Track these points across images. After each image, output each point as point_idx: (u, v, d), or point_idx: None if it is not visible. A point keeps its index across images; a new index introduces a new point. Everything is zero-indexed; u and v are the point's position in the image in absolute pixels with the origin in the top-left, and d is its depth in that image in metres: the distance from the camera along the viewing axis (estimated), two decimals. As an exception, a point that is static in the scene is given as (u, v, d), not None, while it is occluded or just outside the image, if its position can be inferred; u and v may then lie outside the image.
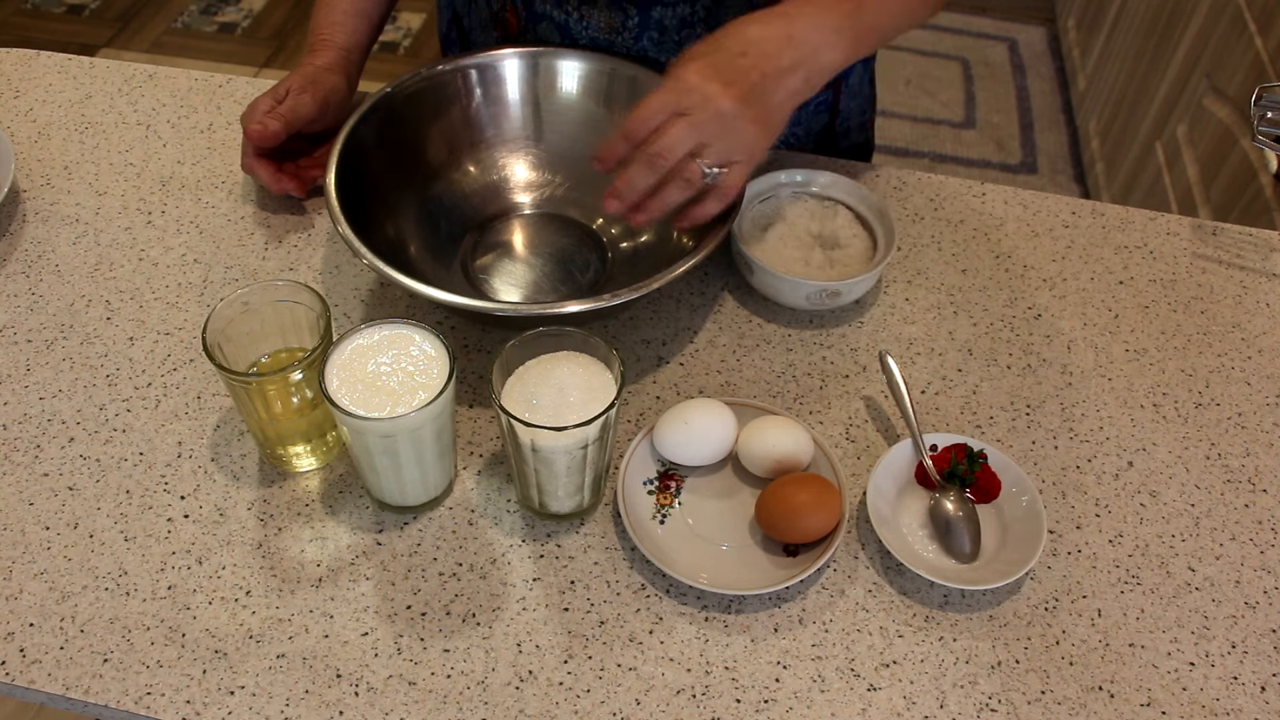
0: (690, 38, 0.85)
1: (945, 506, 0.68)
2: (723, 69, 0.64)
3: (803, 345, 0.79)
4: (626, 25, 0.85)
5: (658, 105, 0.65)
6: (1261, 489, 0.72)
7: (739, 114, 0.64)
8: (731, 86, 0.64)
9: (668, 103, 0.64)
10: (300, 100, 0.84)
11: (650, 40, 0.85)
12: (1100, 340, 0.81)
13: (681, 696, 0.60)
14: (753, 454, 0.68)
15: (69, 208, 0.87)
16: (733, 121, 0.63)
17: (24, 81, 0.99)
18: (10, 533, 0.66)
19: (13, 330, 0.78)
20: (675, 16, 0.84)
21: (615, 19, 0.85)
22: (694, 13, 0.84)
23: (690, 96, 0.64)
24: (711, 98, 0.64)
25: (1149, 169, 1.88)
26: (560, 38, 0.88)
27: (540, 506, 0.67)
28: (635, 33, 0.85)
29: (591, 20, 0.86)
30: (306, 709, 0.59)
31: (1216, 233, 0.90)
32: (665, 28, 0.84)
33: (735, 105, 0.64)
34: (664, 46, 0.86)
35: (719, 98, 0.64)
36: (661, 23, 0.84)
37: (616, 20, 0.85)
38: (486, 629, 0.63)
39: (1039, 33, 2.72)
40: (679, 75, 0.65)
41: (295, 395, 0.66)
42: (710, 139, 0.65)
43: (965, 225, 0.89)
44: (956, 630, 0.64)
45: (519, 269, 0.84)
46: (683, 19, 0.84)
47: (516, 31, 0.92)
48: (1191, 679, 0.62)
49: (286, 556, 0.65)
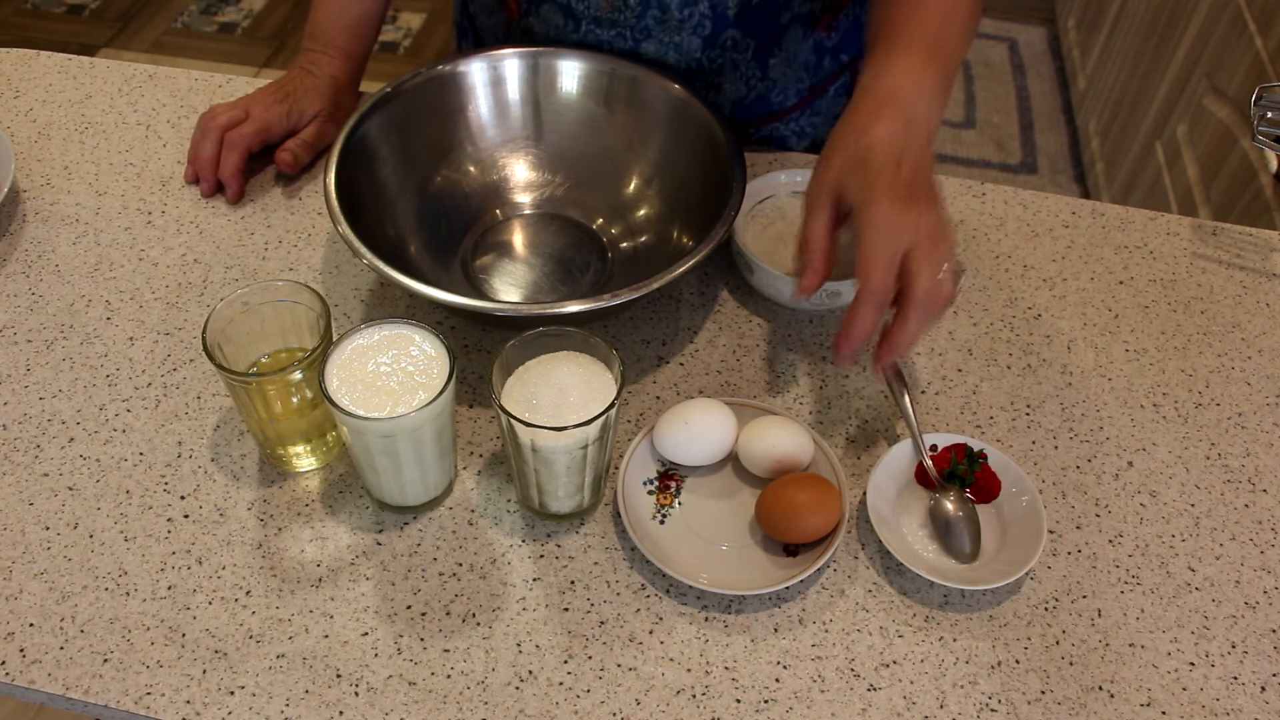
0: (693, 16, 0.85)
1: (945, 507, 0.68)
2: (901, 190, 0.64)
3: (803, 345, 0.79)
4: (629, 4, 0.85)
5: (885, 262, 0.64)
6: (1261, 489, 0.72)
7: (937, 216, 0.65)
8: (917, 200, 0.64)
9: (892, 254, 0.63)
10: (326, 129, 0.90)
11: (653, 19, 0.85)
12: (1100, 340, 0.81)
13: (681, 696, 0.60)
14: (753, 454, 0.68)
15: (69, 208, 0.87)
16: (938, 226, 0.64)
17: (24, 81, 0.99)
18: (10, 533, 0.66)
19: (13, 330, 0.78)
20: None
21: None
22: None
23: (903, 236, 0.63)
24: (919, 223, 0.63)
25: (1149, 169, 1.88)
26: (564, 19, 0.88)
27: (540, 506, 0.67)
28: (638, 11, 0.85)
29: (592, 1, 0.86)
30: (306, 709, 0.59)
31: (1216, 233, 0.90)
32: (667, 6, 0.84)
33: (932, 213, 0.64)
34: (666, 26, 0.85)
35: (924, 218, 0.64)
36: (663, 1, 0.84)
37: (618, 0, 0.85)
38: (486, 629, 0.63)
39: (1039, 33, 2.72)
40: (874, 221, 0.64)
41: (295, 395, 0.66)
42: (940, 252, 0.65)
43: (965, 225, 0.89)
44: (956, 630, 0.64)
45: (519, 269, 0.84)
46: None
47: (518, 14, 0.92)
48: (1191, 679, 0.62)
49: (286, 556, 0.65)
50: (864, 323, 0.64)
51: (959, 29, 0.73)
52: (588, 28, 0.88)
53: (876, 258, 0.63)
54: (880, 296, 0.64)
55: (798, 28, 0.90)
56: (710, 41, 0.87)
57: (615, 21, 0.86)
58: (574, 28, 0.88)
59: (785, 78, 0.93)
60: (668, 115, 0.85)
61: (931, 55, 0.70)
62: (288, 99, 0.89)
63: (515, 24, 0.93)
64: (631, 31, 0.86)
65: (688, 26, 0.86)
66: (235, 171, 0.87)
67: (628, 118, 0.87)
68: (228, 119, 0.88)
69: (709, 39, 0.87)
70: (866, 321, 0.64)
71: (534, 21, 0.90)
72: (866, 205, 0.64)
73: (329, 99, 0.90)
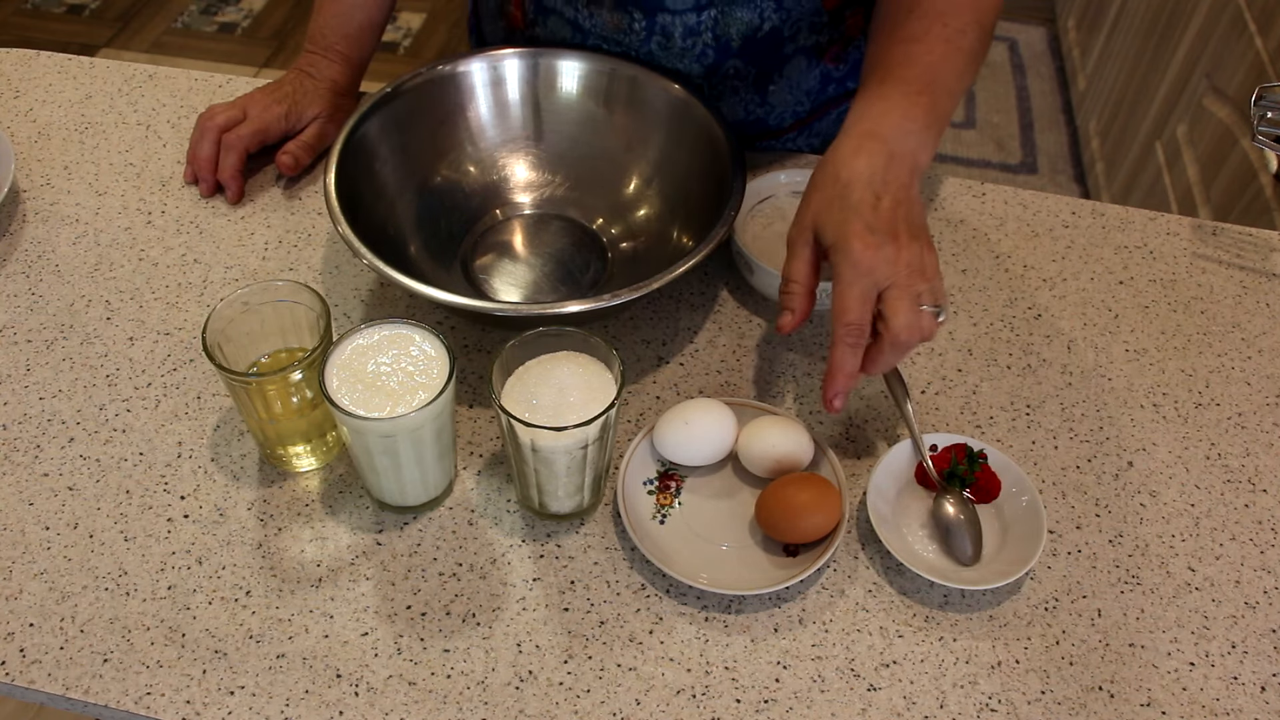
0: (696, 46, 0.85)
1: (947, 510, 0.68)
2: (878, 225, 0.63)
3: (803, 345, 0.79)
4: (633, 28, 0.85)
5: (858, 299, 0.63)
6: (1261, 489, 0.72)
7: (919, 252, 0.63)
8: (896, 237, 0.63)
9: (865, 291, 0.63)
10: (326, 130, 0.91)
11: (657, 44, 0.85)
12: (1100, 340, 0.81)
13: (681, 696, 0.60)
14: (753, 454, 0.68)
15: (69, 208, 0.87)
16: (919, 262, 0.63)
17: (24, 81, 0.99)
18: (10, 533, 0.66)
19: (13, 330, 0.78)
20: (681, 24, 0.84)
21: (622, 20, 0.85)
22: (700, 22, 0.84)
23: (878, 272, 0.62)
24: (895, 259, 0.62)
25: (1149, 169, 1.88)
26: (570, 33, 0.88)
27: (540, 506, 0.67)
28: (642, 35, 0.85)
29: (599, 19, 0.86)
30: (306, 709, 0.59)
31: (1216, 233, 0.90)
32: (670, 35, 0.84)
33: (911, 248, 0.63)
34: (670, 52, 0.86)
35: (903, 253, 0.62)
36: (667, 29, 0.84)
37: (623, 22, 0.85)
38: (486, 629, 0.63)
39: (1039, 33, 2.72)
40: (854, 259, 0.62)
41: (295, 395, 0.66)
42: (919, 288, 0.64)
43: (965, 225, 0.89)
44: (956, 630, 0.64)
45: (519, 269, 0.84)
46: (688, 27, 0.84)
47: (521, 24, 0.92)
48: (1191, 679, 0.62)
49: (286, 556, 0.65)
50: (844, 363, 0.64)
51: (958, 67, 0.71)
52: (594, 44, 0.88)
53: (850, 294, 0.62)
54: (855, 334, 0.63)
55: (801, 58, 0.89)
56: (713, 70, 0.87)
57: (620, 41, 0.86)
58: (580, 41, 0.88)
59: (784, 103, 0.93)
60: (668, 115, 0.85)
61: (922, 90, 0.68)
62: (286, 100, 0.89)
63: (519, 33, 0.93)
64: (636, 54, 0.87)
65: (690, 55, 0.86)
66: (234, 172, 0.87)
67: (628, 118, 0.87)
68: (225, 119, 0.88)
69: (711, 68, 0.87)
70: (846, 362, 0.64)
71: (540, 32, 0.90)
72: (841, 242, 0.63)
73: (328, 101, 0.90)
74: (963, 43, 0.71)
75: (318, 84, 0.90)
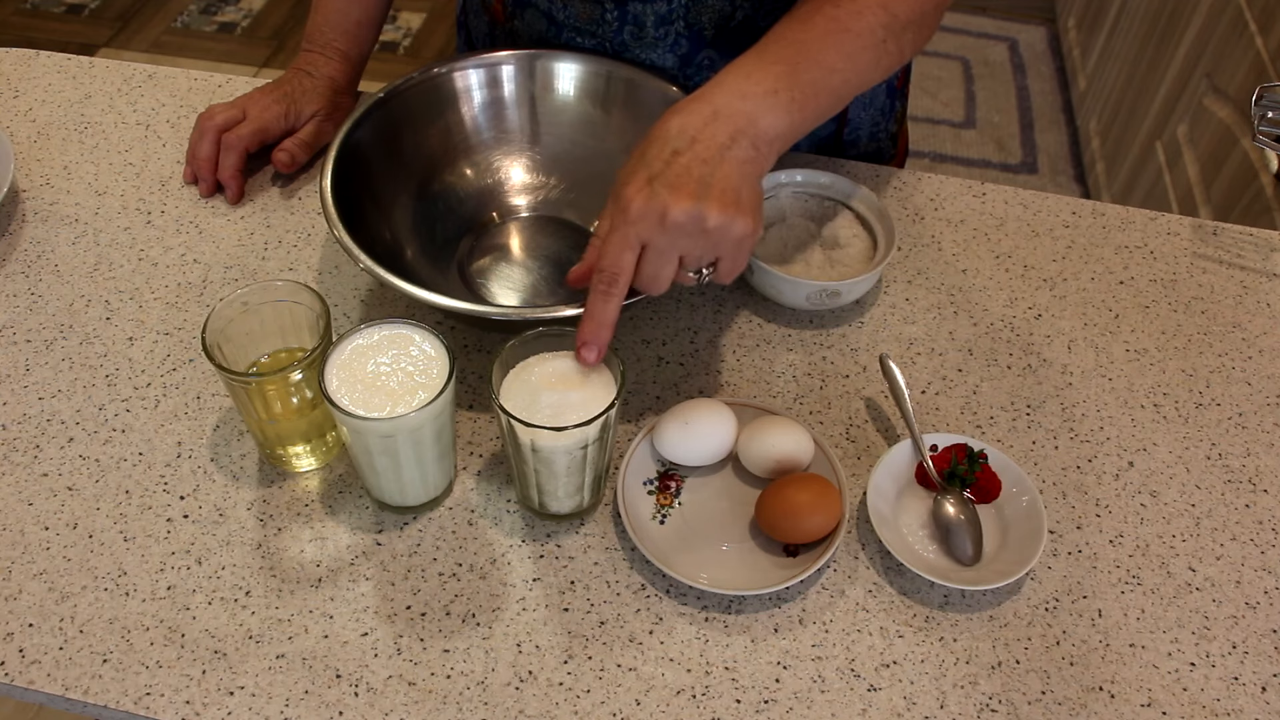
0: (668, 35, 0.85)
1: (947, 510, 0.68)
2: (661, 180, 0.60)
3: (803, 345, 0.79)
4: (605, 18, 0.84)
5: (617, 247, 0.61)
6: (1262, 489, 0.72)
7: (699, 214, 0.60)
8: (678, 192, 0.59)
9: (626, 239, 0.61)
10: (324, 128, 0.90)
11: (630, 34, 0.85)
12: (1100, 340, 0.81)
13: (681, 697, 0.60)
14: (753, 454, 0.68)
15: (69, 208, 0.87)
16: (695, 224, 0.60)
17: (24, 81, 0.99)
18: (10, 533, 0.66)
19: (12, 330, 0.78)
20: (653, 13, 0.83)
21: (594, 11, 0.84)
22: (671, 10, 0.83)
23: (643, 224, 0.60)
24: (664, 215, 0.60)
25: (1149, 169, 1.88)
26: (546, 25, 0.88)
27: (540, 506, 0.67)
28: (615, 26, 0.85)
29: (572, 9, 0.85)
30: (306, 709, 0.59)
31: (1217, 233, 0.90)
32: (643, 24, 0.84)
33: (690, 208, 0.60)
34: (642, 42, 0.85)
35: (671, 211, 0.60)
36: (639, 18, 0.84)
37: (595, 13, 0.84)
38: (486, 629, 0.63)
39: (1039, 32, 2.71)
40: (623, 205, 0.61)
41: (295, 395, 0.66)
42: (685, 250, 0.62)
43: (965, 225, 0.89)
44: (957, 630, 0.64)
45: (516, 272, 0.83)
46: (660, 16, 0.83)
47: (502, 18, 0.92)
48: (1192, 679, 0.62)
49: (286, 556, 0.65)
50: (593, 310, 0.61)
51: (846, 47, 0.67)
52: (568, 36, 0.87)
53: (611, 240, 0.61)
54: (607, 280, 0.61)
55: None
56: (686, 60, 0.86)
57: (594, 32, 0.86)
58: (556, 33, 0.88)
59: None
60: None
61: (779, 60, 0.65)
62: (286, 99, 0.89)
63: (501, 27, 0.93)
64: (610, 45, 0.86)
65: (663, 45, 0.85)
66: (234, 172, 0.87)
67: (624, 120, 0.87)
68: (224, 119, 0.88)
69: (685, 58, 0.86)
70: (596, 310, 0.61)
71: (519, 25, 0.90)
72: (617, 188, 0.62)
73: (327, 99, 0.90)
74: (856, 25, 0.67)
75: (316, 82, 0.90)
